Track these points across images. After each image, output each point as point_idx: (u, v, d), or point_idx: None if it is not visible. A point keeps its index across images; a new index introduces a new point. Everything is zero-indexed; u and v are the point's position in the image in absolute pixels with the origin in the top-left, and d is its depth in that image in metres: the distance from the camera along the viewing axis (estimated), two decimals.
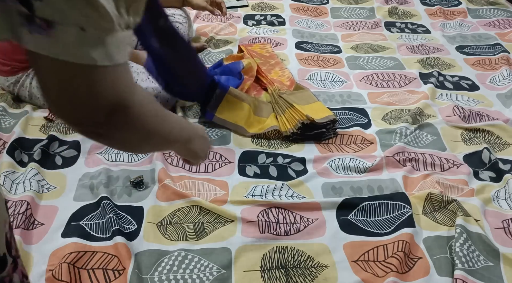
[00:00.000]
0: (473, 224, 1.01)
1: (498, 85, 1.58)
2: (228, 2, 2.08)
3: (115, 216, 1.01)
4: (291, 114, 1.29)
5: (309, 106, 1.31)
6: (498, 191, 1.14)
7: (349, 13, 2.10)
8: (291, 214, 1.05)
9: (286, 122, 1.29)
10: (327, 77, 1.61)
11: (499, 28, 1.99)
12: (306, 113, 1.25)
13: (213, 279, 0.91)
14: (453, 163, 1.23)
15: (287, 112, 1.30)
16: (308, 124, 1.25)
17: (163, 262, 0.94)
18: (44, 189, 1.10)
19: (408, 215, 1.04)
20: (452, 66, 1.70)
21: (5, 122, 1.30)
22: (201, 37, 1.85)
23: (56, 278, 0.89)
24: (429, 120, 1.38)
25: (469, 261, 0.93)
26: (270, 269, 0.93)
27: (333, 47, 1.82)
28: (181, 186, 1.12)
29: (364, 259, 0.96)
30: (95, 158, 1.20)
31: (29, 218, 1.01)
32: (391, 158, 1.22)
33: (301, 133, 1.26)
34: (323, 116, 1.27)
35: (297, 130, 1.25)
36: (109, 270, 0.92)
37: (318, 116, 1.26)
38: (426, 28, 2.00)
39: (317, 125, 1.26)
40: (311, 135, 1.27)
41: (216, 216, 1.04)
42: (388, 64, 1.70)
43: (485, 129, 1.34)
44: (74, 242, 0.96)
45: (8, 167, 1.13)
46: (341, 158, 1.23)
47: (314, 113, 1.27)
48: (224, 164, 1.21)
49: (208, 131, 1.32)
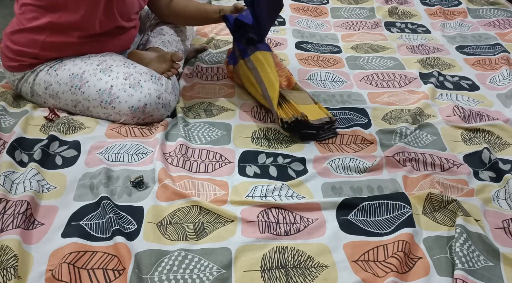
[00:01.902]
0: (473, 224, 1.01)
1: (498, 85, 1.58)
2: (228, 2, 2.09)
3: (115, 216, 1.01)
4: (287, 108, 1.30)
5: (305, 107, 1.32)
6: (498, 191, 1.14)
7: (349, 13, 2.11)
8: (291, 214, 1.05)
9: (283, 112, 1.30)
10: (327, 77, 1.61)
11: (499, 28, 1.99)
12: (301, 111, 1.26)
13: (213, 279, 0.91)
14: (453, 163, 1.23)
15: (284, 105, 1.32)
16: (302, 121, 1.26)
17: (163, 262, 0.94)
18: (44, 189, 1.10)
19: (408, 215, 1.04)
20: (452, 66, 1.70)
21: (5, 121, 1.30)
22: (202, 38, 1.86)
23: (56, 278, 0.89)
24: (429, 120, 1.38)
25: (469, 261, 0.93)
26: (270, 269, 0.93)
27: (333, 47, 1.82)
28: (181, 186, 1.12)
29: (364, 259, 0.96)
30: (95, 158, 1.20)
31: (29, 218, 1.01)
32: (391, 158, 1.22)
33: (292, 127, 1.27)
34: (317, 118, 1.27)
35: (290, 123, 1.26)
36: (109, 270, 0.92)
37: (312, 117, 1.27)
38: (426, 28, 2.00)
39: (309, 125, 1.27)
40: (299, 133, 1.29)
41: (216, 216, 1.04)
42: (388, 64, 1.70)
43: (485, 129, 1.34)
44: (74, 242, 0.96)
45: (8, 167, 1.13)
46: (341, 158, 1.23)
47: (309, 113, 1.28)
48: (224, 164, 1.21)
49: (208, 131, 1.32)
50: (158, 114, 1.33)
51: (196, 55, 1.72)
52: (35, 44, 1.32)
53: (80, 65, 1.34)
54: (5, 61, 1.37)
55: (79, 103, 1.33)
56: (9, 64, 1.36)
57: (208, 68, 1.64)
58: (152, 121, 1.34)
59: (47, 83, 1.34)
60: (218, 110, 1.42)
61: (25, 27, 1.31)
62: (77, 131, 1.29)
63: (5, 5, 2.65)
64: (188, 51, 1.70)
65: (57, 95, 1.34)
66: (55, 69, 1.34)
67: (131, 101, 1.28)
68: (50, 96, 1.35)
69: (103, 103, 1.30)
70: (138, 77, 1.32)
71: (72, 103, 1.34)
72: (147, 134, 1.30)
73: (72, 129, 1.30)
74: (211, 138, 1.30)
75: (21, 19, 1.32)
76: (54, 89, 1.34)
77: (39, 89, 1.36)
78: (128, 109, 1.29)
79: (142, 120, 1.32)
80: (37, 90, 1.36)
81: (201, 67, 1.63)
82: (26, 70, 1.36)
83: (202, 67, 1.63)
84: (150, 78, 1.33)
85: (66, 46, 1.34)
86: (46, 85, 1.34)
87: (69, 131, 1.29)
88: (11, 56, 1.35)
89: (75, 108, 1.35)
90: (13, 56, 1.34)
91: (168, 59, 1.38)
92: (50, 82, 1.34)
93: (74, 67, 1.33)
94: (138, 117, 1.31)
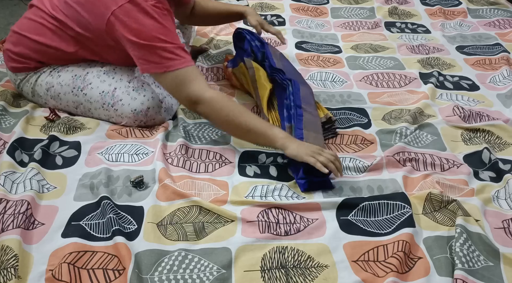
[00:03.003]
0: (473, 224, 1.01)
1: (498, 85, 1.58)
2: (228, 2, 2.09)
3: (115, 216, 1.01)
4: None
5: None
6: (498, 191, 1.14)
7: (349, 13, 2.11)
8: (291, 214, 1.05)
9: (276, 120, 1.30)
10: (327, 77, 1.61)
11: (499, 28, 1.99)
12: None
13: (213, 279, 0.91)
14: (453, 163, 1.23)
15: (277, 111, 1.32)
16: None
17: (163, 262, 0.94)
18: (44, 189, 1.10)
19: (408, 215, 1.04)
20: (452, 66, 1.70)
21: (5, 121, 1.30)
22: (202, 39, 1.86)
23: (56, 278, 0.89)
24: (429, 120, 1.38)
25: (469, 261, 0.93)
26: (270, 269, 0.93)
27: (333, 47, 1.82)
28: (181, 186, 1.12)
29: (364, 259, 0.96)
30: (95, 158, 1.20)
31: (29, 218, 1.01)
32: (391, 158, 1.22)
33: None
34: None
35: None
36: (109, 270, 0.92)
37: None
38: (426, 28, 2.00)
39: None
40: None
41: (216, 216, 1.04)
42: (388, 64, 1.70)
43: (485, 129, 1.34)
44: (74, 242, 0.96)
45: (9, 167, 1.13)
46: (341, 158, 1.23)
47: None
48: (224, 164, 1.21)
49: (209, 131, 1.32)
50: (160, 117, 1.33)
51: (196, 55, 1.73)
52: (45, 54, 1.32)
53: (84, 66, 1.34)
54: (9, 61, 1.37)
55: (80, 104, 1.33)
56: (13, 65, 1.36)
57: (208, 68, 1.64)
58: (154, 124, 1.33)
59: (49, 84, 1.34)
60: None
61: (45, 43, 1.29)
62: (77, 131, 1.29)
63: (5, 5, 2.64)
64: (189, 52, 1.71)
65: (58, 96, 1.34)
66: (57, 70, 1.34)
67: (134, 104, 1.28)
68: (51, 97, 1.35)
69: (106, 105, 1.30)
70: (141, 80, 1.32)
71: (73, 104, 1.34)
72: (147, 135, 1.30)
73: (73, 129, 1.30)
74: (211, 138, 1.30)
75: (38, 29, 1.29)
76: (56, 90, 1.33)
77: (40, 90, 1.35)
78: (130, 112, 1.29)
79: (144, 123, 1.32)
80: (38, 90, 1.36)
81: (201, 68, 1.63)
82: (29, 72, 1.36)
83: (202, 67, 1.63)
84: (154, 81, 1.33)
85: (76, 60, 1.35)
86: (48, 86, 1.34)
87: (69, 131, 1.29)
88: (16, 58, 1.34)
89: (76, 109, 1.35)
90: (18, 58, 1.34)
91: None
92: (52, 84, 1.33)
93: (77, 69, 1.33)
94: (140, 120, 1.31)
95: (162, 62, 1.18)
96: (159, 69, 1.19)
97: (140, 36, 1.17)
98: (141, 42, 1.17)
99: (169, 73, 1.19)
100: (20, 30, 1.33)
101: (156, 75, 1.22)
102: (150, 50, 1.17)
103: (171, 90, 1.23)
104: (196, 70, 1.22)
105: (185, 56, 1.21)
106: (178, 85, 1.20)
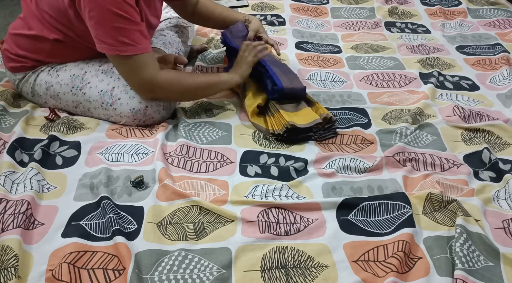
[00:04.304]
0: (473, 224, 1.01)
1: (498, 85, 1.58)
2: (228, 2, 2.09)
3: (115, 216, 1.01)
4: (278, 118, 1.30)
5: (296, 114, 1.31)
6: (498, 191, 1.14)
7: (349, 13, 2.11)
8: (291, 214, 1.05)
9: (274, 124, 1.30)
10: (327, 77, 1.61)
11: (499, 28, 1.99)
12: (290, 120, 1.26)
13: (213, 279, 0.91)
14: (453, 163, 1.23)
15: (276, 115, 1.31)
16: (291, 129, 1.26)
17: (163, 262, 0.94)
18: (44, 189, 1.10)
19: (408, 215, 1.04)
20: (452, 66, 1.70)
21: (5, 121, 1.30)
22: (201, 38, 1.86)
23: (56, 278, 0.89)
24: (429, 120, 1.38)
25: (469, 261, 0.93)
26: (270, 269, 0.93)
27: (333, 47, 1.82)
28: (182, 186, 1.12)
29: (364, 259, 0.97)
30: (95, 158, 1.20)
31: (29, 218, 1.01)
32: (391, 158, 1.22)
33: (287, 136, 1.27)
34: (308, 121, 1.27)
35: (282, 133, 1.26)
36: (109, 270, 0.92)
37: (304, 122, 1.27)
38: (426, 28, 2.00)
39: (304, 129, 1.27)
40: (298, 138, 1.28)
41: (216, 216, 1.04)
42: (388, 64, 1.70)
43: (485, 129, 1.34)
44: (74, 242, 0.96)
45: (9, 167, 1.13)
46: (341, 158, 1.23)
47: (301, 119, 1.28)
48: (225, 163, 1.21)
49: (209, 131, 1.32)
50: (159, 116, 1.32)
51: (196, 55, 1.73)
52: (41, 51, 1.32)
53: (82, 66, 1.34)
54: (7, 61, 1.37)
55: (79, 104, 1.33)
56: (11, 65, 1.36)
57: (208, 68, 1.64)
58: (153, 123, 1.33)
59: (48, 83, 1.34)
60: (218, 110, 1.42)
61: (34, 35, 1.29)
62: (77, 131, 1.29)
63: (5, 5, 2.64)
64: (189, 51, 1.71)
65: (58, 95, 1.34)
66: (56, 69, 1.34)
67: (132, 103, 1.28)
68: (51, 96, 1.35)
69: (104, 104, 1.30)
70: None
71: (72, 104, 1.34)
72: (147, 134, 1.30)
73: (73, 129, 1.30)
74: (211, 138, 1.30)
75: (33, 24, 1.29)
76: (55, 89, 1.33)
77: (40, 90, 1.36)
78: (129, 111, 1.29)
79: (143, 122, 1.32)
80: (38, 90, 1.36)
81: (201, 67, 1.63)
82: (27, 71, 1.36)
83: (202, 67, 1.63)
84: None
85: (73, 55, 1.34)
86: (47, 85, 1.34)
87: (69, 131, 1.29)
88: (14, 57, 1.34)
89: (75, 109, 1.35)
90: (16, 57, 1.34)
91: (171, 61, 1.38)
92: (51, 83, 1.33)
93: (75, 68, 1.33)
94: (139, 119, 1.31)
95: (116, 45, 1.17)
96: (112, 51, 1.19)
97: (95, 9, 1.13)
98: (96, 16, 1.14)
99: (122, 57, 1.20)
100: (14, 29, 1.34)
101: (109, 56, 1.23)
102: (105, 29, 1.16)
103: (122, 74, 1.26)
104: (150, 55, 1.23)
105: (141, 42, 1.20)
106: (130, 71, 1.22)
